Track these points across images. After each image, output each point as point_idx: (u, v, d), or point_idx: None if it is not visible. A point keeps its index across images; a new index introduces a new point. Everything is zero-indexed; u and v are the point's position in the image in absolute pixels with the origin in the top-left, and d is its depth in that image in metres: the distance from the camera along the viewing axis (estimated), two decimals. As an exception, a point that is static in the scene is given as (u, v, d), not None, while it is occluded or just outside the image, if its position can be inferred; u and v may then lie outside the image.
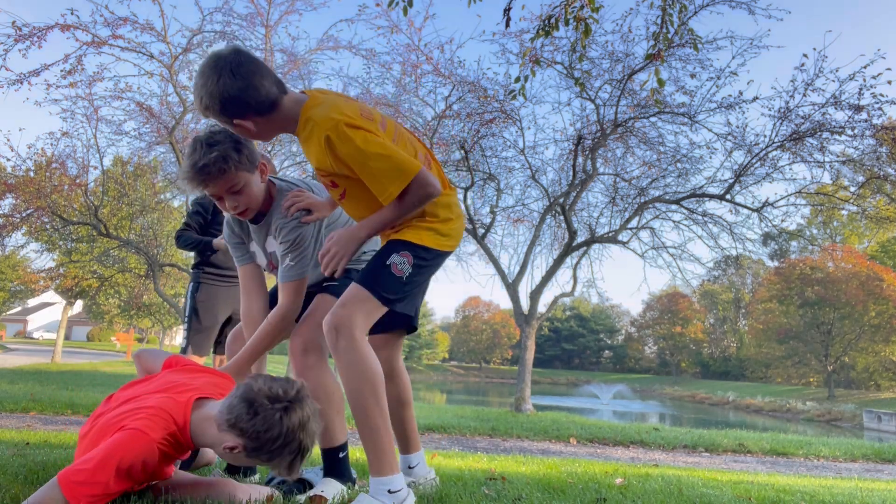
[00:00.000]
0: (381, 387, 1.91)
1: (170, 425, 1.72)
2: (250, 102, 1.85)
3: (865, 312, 36.05)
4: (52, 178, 13.36)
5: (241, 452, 1.71)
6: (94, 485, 1.57)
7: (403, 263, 1.96)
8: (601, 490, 2.49)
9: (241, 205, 2.12)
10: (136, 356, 2.19)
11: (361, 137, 1.83)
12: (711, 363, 61.63)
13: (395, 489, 1.86)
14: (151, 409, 1.72)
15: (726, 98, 11.56)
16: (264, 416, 1.66)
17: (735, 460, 6.26)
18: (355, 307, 1.90)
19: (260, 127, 1.92)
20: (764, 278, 47.07)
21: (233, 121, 1.88)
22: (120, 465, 1.60)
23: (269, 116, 1.90)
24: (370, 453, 1.89)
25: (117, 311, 29.39)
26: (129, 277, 21.00)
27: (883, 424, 25.08)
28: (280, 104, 1.90)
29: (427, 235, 2.01)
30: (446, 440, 6.47)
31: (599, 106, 12.04)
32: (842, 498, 3.01)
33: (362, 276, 1.97)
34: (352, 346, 1.87)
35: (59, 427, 5.06)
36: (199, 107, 1.90)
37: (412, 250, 1.98)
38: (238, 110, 1.86)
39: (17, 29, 9.71)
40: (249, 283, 2.33)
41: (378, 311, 1.96)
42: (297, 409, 1.69)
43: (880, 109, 10.29)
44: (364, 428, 1.89)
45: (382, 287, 1.93)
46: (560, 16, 4.84)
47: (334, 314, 1.90)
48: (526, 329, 12.96)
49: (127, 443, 1.63)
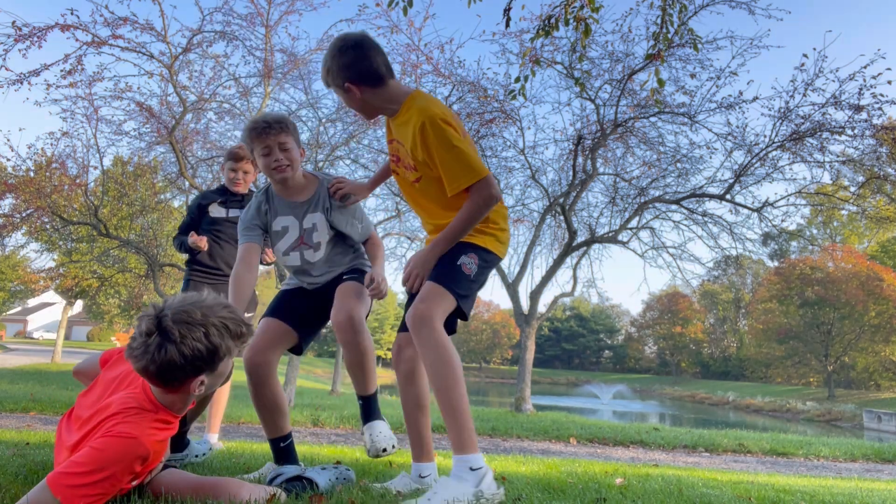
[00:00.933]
0: (460, 371, 2.09)
1: (145, 415, 1.72)
2: (361, 70, 2.21)
3: (865, 312, 36.06)
4: (52, 178, 13.34)
5: (205, 378, 1.77)
6: (88, 486, 1.57)
7: (471, 263, 2.20)
8: (601, 490, 2.49)
9: (283, 160, 2.50)
10: (75, 374, 2.20)
11: (450, 133, 2.12)
12: (711, 363, 61.63)
13: (477, 466, 1.98)
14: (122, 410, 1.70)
15: (726, 98, 11.55)
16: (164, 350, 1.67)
17: (735, 460, 6.26)
18: (433, 301, 2.10)
19: (365, 96, 2.25)
20: (764, 278, 47.07)
21: (344, 84, 2.22)
22: (114, 466, 1.60)
23: (375, 90, 2.24)
24: (453, 432, 2.03)
25: (117, 311, 29.38)
26: (129, 277, 20.98)
27: (883, 424, 25.08)
28: (386, 83, 2.25)
29: (490, 240, 2.27)
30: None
31: (599, 106, 12.04)
32: (842, 498, 3.01)
33: (437, 276, 2.17)
34: (433, 335, 2.05)
35: (59, 427, 5.05)
36: (323, 72, 2.30)
37: (477, 252, 2.22)
38: (350, 74, 2.21)
39: (17, 29, 9.70)
40: (250, 256, 2.57)
41: (450, 307, 2.15)
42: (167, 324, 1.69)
43: (880, 109, 10.29)
44: (447, 408, 2.03)
45: (456, 284, 2.15)
46: (560, 16, 4.84)
47: (416, 308, 2.09)
48: (526, 329, 12.96)
49: (116, 449, 1.61)
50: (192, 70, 11.75)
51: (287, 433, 2.58)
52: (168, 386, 1.75)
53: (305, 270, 2.67)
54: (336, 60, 2.22)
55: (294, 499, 1.98)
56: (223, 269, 3.95)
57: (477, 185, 2.13)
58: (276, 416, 2.54)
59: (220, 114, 12.73)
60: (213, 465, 2.81)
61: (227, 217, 3.99)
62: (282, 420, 2.55)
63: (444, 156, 2.13)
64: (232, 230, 3.96)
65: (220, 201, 4.01)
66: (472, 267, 2.19)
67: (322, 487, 2.20)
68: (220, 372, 1.83)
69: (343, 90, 2.26)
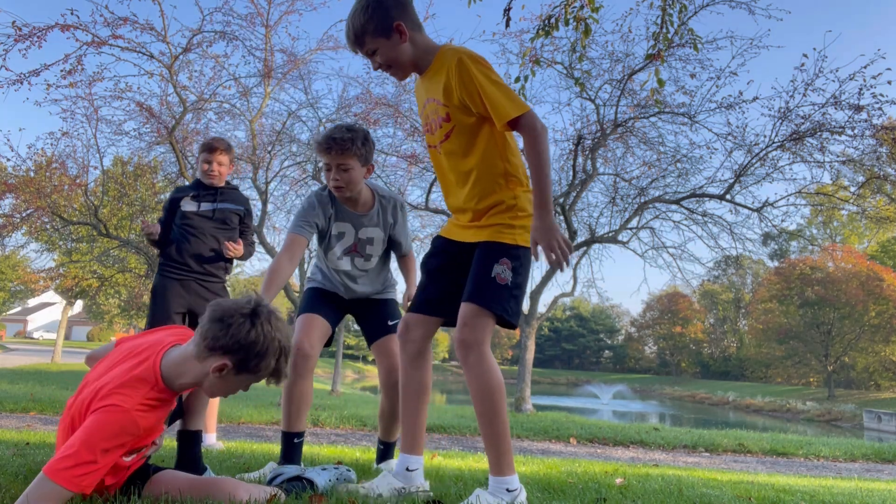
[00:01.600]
0: (504, 396, 2.06)
1: (142, 386, 1.72)
2: (409, 11, 2.08)
3: (865, 312, 36.05)
4: (52, 178, 13.34)
5: (230, 371, 1.75)
6: (84, 465, 1.57)
7: (505, 271, 2.05)
8: (601, 490, 2.49)
9: (341, 181, 2.56)
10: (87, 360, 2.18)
11: (488, 67, 2.02)
12: (711, 363, 61.61)
13: (513, 488, 2.00)
14: (118, 381, 1.71)
15: (726, 98, 11.58)
16: (237, 325, 1.73)
17: (735, 460, 6.26)
18: (478, 325, 2.03)
19: (412, 41, 2.08)
20: (764, 278, 47.05)
21: (394, 24, 2.04)
22: (104, 444, 1.60)
23: (414, 35, 2.09)
24: (492, 455, 2.03)
25: (117, 311, 29.38)
26: (129, 277, 20.99)
27: (883, 424, 25.08)
28: (423, 32, 2.13)
29: (519, 234, 2.09)
30: (446, 440, 6.47)
31: (599, 106, 12.04)
32: (842, 498, 3.01)
33: (473, 293, 2.04)
34: (480, 360, 2.02)
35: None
36: (356, 23, 2.06)
37: (507, 255, 2.06)
38: (400, 13, 2.05)
39: (17, 29, 9.70)
40: (294, 248, 2.62)
41: (494, 322, 2.06)
42: (261, 312, 1.78)
43: (880, 109, 10.31)
44: (491, 433, 2.02)
45: (493, 301, 2.03)
46: (560, 16, 4.84)
47: (461, 333, 2.03)
48: (526, 329, 12.96)
49: (104, 421, 1.62)
50: (192, 70, 11.76)
51: (303, 431, 2.61)
52: (206, 345, 1.76)
53: (353, 277, 2.81)
54: (381, 2, 2.04)
55: (294, 498, 1.98)
56: (190, 264, 3.83)
57: (525, 116, 1.97)
58: (302, 411, 2.59)
59: (220, 114, 12.74)
60: (213, 465, 2.81)
61: (197, 211, 3.89)
62: (304, 415, 2.61)
63: (488, 87, 1.99)
64: (203, 224, 3.87)
65: (193, 195, 3.91)
66: (506, 275, 2.05)
67: (321, 488, 2.20)
68: (242, 379, 1.82)
69: (387, 35, 2.05)
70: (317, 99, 12.44)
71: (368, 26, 2.05)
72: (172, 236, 3.90)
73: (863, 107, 10.32)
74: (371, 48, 2.08)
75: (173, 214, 3.95)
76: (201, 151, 3.96)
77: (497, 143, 2.10)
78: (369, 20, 2.04)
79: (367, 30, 2.05)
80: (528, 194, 2.12)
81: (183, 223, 3.88)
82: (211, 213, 3.91)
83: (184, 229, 3.87)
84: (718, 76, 11.21)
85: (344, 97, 12.57)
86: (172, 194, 4.04)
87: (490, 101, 1.99)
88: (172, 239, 3.88)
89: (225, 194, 3.99)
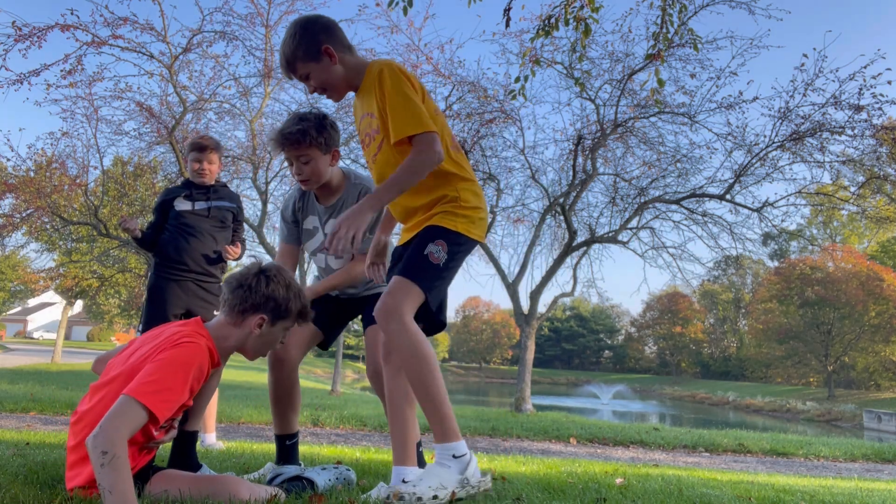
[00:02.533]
0: (434, 361, 2.05)
1: (199, 337, 1.87)
2: (336, 35, 2.14)
3: (865, 312, 36.04)
4: (52, 178, 13.35)
5: (267, 324, 2.00)
6: (169, 391, 1.68)
7: (439, 251, 2.07)
8: (601, 490, 2.49)
9: (304, 174, 2.46)
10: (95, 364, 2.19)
11: (405, 83, 2.05)
12: (711, 363, 61.62)
13: (460, 453, 1.98)
14: (177, 334, 1.85)
15: (726, 98, 11.58)
16: (256, 283, 2.00)
17: (735, 460, 6.26)
18: (399, 295, 2.03)
19: (342, 64, 2.14)
20: (764, 278, 47.05)
21: (322, 47, 2.10)
22: (183, 373, 1.72)
23: (343, 58, 2.15)
24: (434, 422, 2.01)
25: (117, 311, 29.40)
26: (129, 277, 21.00)
27: (883, 424, 25.08)
28: (353, 52, 2.19)
29: (461, 222, 2.12)
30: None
31: (599, 106, 12.05)
32: (842, 498, 3.01)
33: (403, 268, 2.09)
34: (402, 329, 1.99)
35: (59, 427, 5.06)
36: (287, 50, 2.13)
37: (446, 237, 2.09)
38: (327, 38, 2.12)
39: (17, 29, 9.71)
40: (285, 259, 2.68)
41: (419, 298, 2.06)
42: (269, 268, 2.06)
43: (880, 109, 10.31)
44: (425, 400, 2.01)
45: (422, 276, 2.05)
46: (560, 16, 4.84)
47: (383, 302, 2.03)
48: (526, 329, 12.96)
49: (182, 353, 1.76)
50: (192, 70, 11.77)
51: (295, 432, 2.59)
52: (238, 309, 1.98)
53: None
54: (308, 29, 2.13)
55: (294, 498, 1.98)
56: (188, 264, 3.78)
57: (421, 136, 2.01)
58: (288, 412, 2.56)
59: (220, 114, 12.74)
60: (213, 465, 2.81)
61: (192, 210, 3.85)
62: (293, 417, 2.58)
63: (394, 99, 2.03)
64: (199, 223, 3.84)
65: (186, 194, 3.88)
66: (440, 255, 2.06)
67: (321, 488, 2.20)
68: (274, 331, 2.05)
69: (316, 59, 2.12)
70: (317, 99, 12.41)
71: (298, 52, 2.12)
72: (166, 237, 3.86)
73: (863, 107, 10.33)
74: (303, 73, 2.15)
75: (165, 215, 3.90)
76: (190, 151, 3.91)
77: None
78: (298, 46, 2.12)
79: (297, 55, 2.13)
80: (473, 187, 2.19)
81: (179, 223, 3.83)
82: (206, 212, 3.89)
83: (180, 229, 3.82)
84: (718, 76, 11.22)
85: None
86: (163, 196, 3.98)
87: (392, 114, 2.04)
88: (166, 239, 3.84)
89: (217, 192, 3.97)
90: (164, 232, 3.89)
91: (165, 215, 3.91)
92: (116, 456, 1.56)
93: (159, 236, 3.89)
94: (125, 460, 1.57)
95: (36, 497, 1.74)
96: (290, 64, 2.15)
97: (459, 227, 2.11)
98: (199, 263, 3.83)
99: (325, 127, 2.46)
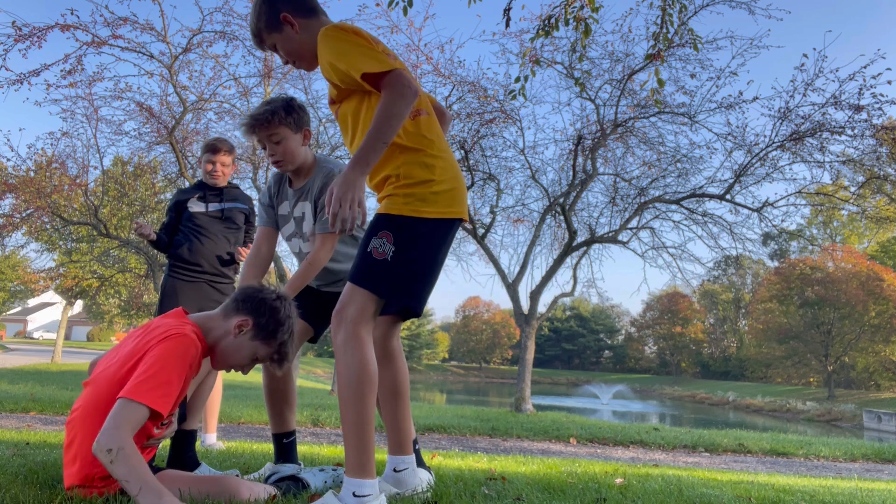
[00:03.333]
0: (375, 386, 1.85)
1: (187, 327, 1.86)
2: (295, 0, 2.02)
3: (865, 312, 36.05)
4: (52, 178, 13.36)
5: (248, 331, 1.94)
6: (167, 384, 1.68)
7: (383, 244, 1.85)
8: (601, 490, 2.49)
9: (277, 154, 2.45)
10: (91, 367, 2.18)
11: (350, 35, 1.88)
12: (711, 363, 61.61)
13: (362, 494, 1.74)
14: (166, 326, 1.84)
15: (726, 98, 11.59)
16: (267, 293, 2.00)
17: (735, 460, 6.26)
18: (349, 302, 1.86)
19: (303, 34, 2.02)
20: (764, 278, 47.06)
21: (280, 15, 2.00)
22: (176, 365, 1.72)
23: (307, 23, 2.02)
24: (350, 449, 1.80)
25: (117, 311, 29.37)
26: (129, 277, 21.00)
27: (883, 424, 25.08)
28: (318, 16, 2.05)
29: (401, 203, 1.87)
30: (446, 440, 6.47)
31: (599, 106, 12.05)
32: (842, 498, 3.01)
33: (351, 271, 1.91)
34: (349, 341, 1.83)
35: (59, 427, 5.06)
36: (252, 22, 2.06)
37: (388, 226, 1.86)
38: (284, 5, 2.01)
39: (17, 29, 9.71)
40: (261, 241, 2.65)
41: (373, 303, 1.87)
42: (286, 297, 2.04)
43: (880, 109, 10.31)
44: (350, 422, 1.81)
45: (369, 277, 1.85)
46: (560, 16, 4.84)
47: (337, 309, 1.88)
48: (526, 329, 12.96)
49: (172, 346, 1.75)
50: (192, 70, 11.76)
51: (292, 430, 2.59)
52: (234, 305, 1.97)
53: None
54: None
55: (292, 498, 1.98)
56: (203, 265, 3.83)
57: (387, 80, 1.79)
58: (284, 410, 2.56)
59: (220, 114, 12.73)
60: (213, 465, 2.81)
61: (206, 212, 3.89)
62: (290, 415, 2.58)
63: (344, 46, 1.85)
64: (212, 225, 3.88)
65: (199, 196, 3.91)
66: (384, 248, 1.83)
67: (314, 488, 2.20)
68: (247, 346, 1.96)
69: (278, 29, 2.02)
70: (317, 99, 12.42)
71: (261, 23, 2.05)
72: (180, 238, 3.90)
73: (863, 107, 10.33)
74: (270, 44, 2.08)
75: (179, 216, 3.95)
76: (204, 152, 3.96)
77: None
78: (259, 17, 2.05)
79: (261, 27, 2.05)
80: (419, 157, 1.90)
81: (192, 224, 3.88)
82: (220, 214, 3.93)
83: (194, 230, 3.87)
84: (718, 76, 11.22)
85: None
86: (177, 196, 4.03)
87: (346, 60, 1.84)
88: (180, 240, 3.88)
89: (230, 194, 4.01)
90: (178, 233, 3.93)
91: (179, 216, 3.95)
92: (122, 448, 1.58)
93: (173, 237, 3.94)
94: (133, 449, 1.60)
95: (36, 497, 1.74)
96: (256, 36, 2.07)
97: (405, 209, 1.86)
98: (213, 264, 3.87)
99: (293, 107, 2.46)
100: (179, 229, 3.93)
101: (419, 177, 1.89)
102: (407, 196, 1.87)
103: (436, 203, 1.88)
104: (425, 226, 1.87)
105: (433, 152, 1.93)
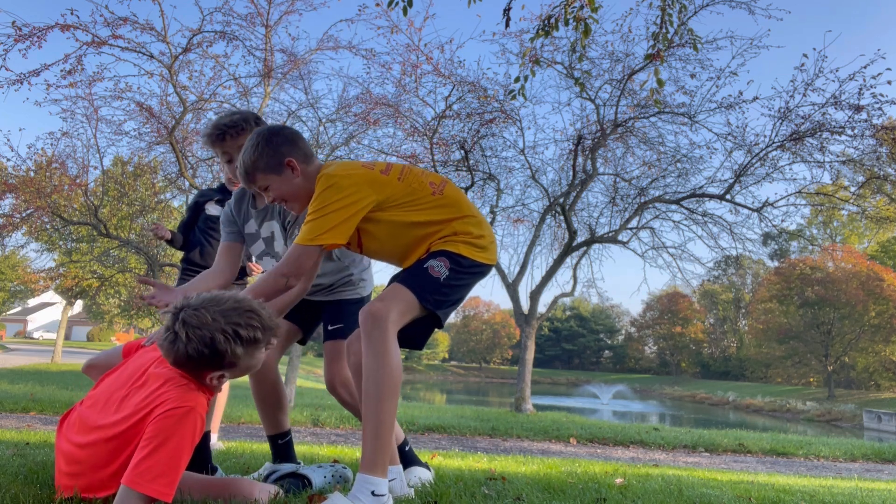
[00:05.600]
0: (397, 385, 1.92)
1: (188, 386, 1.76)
2: (300, 145, 2.10)
3: (865, 312, 36.06)
4: (52, 178, 13.35)
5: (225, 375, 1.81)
6: (173, 471, 1.61)
7: (440, 266, 2.03)
8: (601, 490, 2.49)
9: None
10: (86, 368, 2.15)
11: (330, 193, 1.97)
12: (711, 363, 61.61)
13: (380, 493, 1.79)
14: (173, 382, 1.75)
15: (726, 98, 11.58)
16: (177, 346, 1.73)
17: (735, 460, 6.26)
18: (393, 302, 1.95)
19: (303, 176, 2.08)
20: (764, 278, 47.05)
21: (285, 160, 2.06)
22: (187, 447, 1.65)
23: (307, 169, 2.09)
24: (369, 447, 1.84)
25: (117, 311, 29.35)
26: (129, 277, 20.99)
27: (883, 424, 25.09)
28: (315, 162, 2.13)
29: (463, 247, 2.09)
30: (446, 440, 6.47)
31: (599, 106, 12.05)
32: (842, 498, 3.01)
33: (402, 277, 2.05)
34: (383, 337, 1.90)
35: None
36: (246, 161, 2.06)
37: (449, 256, 2.06)
38: (291, 150, 2.07)
39: (17, 29, 9.69)
40: (224, 253, 2.51)
41: (413, 310, 2.00)
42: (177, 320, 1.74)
43: (880, 109, 10.30)
44: (372, 420, 1.86)
45: (420, 286, 2.00)
46: (560, 16, 4.84)
47: (373, 305, 1.93)
48: (526, 329, 12.96)
49: (182, 425, 1.65)
50: (192, 70, 11.74)
51: (286, 430, 2.58)
52: (187, 374, 1.79)
53: None
54: (270, 141, 2.06)
55: (293, 497, 1.98)
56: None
57: (302, 247, 1.96)
58: (276, 412, 2.54)
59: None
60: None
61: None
62: (282, 416, 2.56)
63: (312, 205, 1.99)
64: None
65: (218, 199, 3.94)
66: (441, 270, 2.02)
67: (317, 485, 2.19)
68: (241, 368, 1.85)
69: (278, 172, 2.07)
70: (317, 99, 12.43)
71: (259, 163, 2.06)
72: (194, 240, 3.92)
73: (863, 107, 10.32)
74: (263, 184, 2.10)
75: (196, 217, 3.98)
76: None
77: (396, 219, 2.07)
78: (259, 157, 2.05)
79: (258, 167, 2.06)
80: (472, 221, 2.14)
81: (208, 227, 3.91)
82: None
83: (208, 234, 3.90)
84: (718, 76, 11.22)
85: (344, 97, 12.56)
86: (197, 197, 4.07)
87: (307, 217, 2.00)
88: (193, 243, 3.90)
89: None
90: (194, 234, 3.95)
91: (197, 217, 3.97)
92: None
93: (190, 236, 3.98)
94: None
95: (36, 497, 1.74)
96: (248, 174, 2.09)
97: (462, 249, 2.08)
98: None
99: (260, 120, 2.39)
100: (195, 230, 3.97)
101: (475, 233, 2.15)
102: (466, 243, 2.11)
103: (485, 249, 2.15)
104: (474, 267, 2.13)
105: (473, 213, 2.19)
